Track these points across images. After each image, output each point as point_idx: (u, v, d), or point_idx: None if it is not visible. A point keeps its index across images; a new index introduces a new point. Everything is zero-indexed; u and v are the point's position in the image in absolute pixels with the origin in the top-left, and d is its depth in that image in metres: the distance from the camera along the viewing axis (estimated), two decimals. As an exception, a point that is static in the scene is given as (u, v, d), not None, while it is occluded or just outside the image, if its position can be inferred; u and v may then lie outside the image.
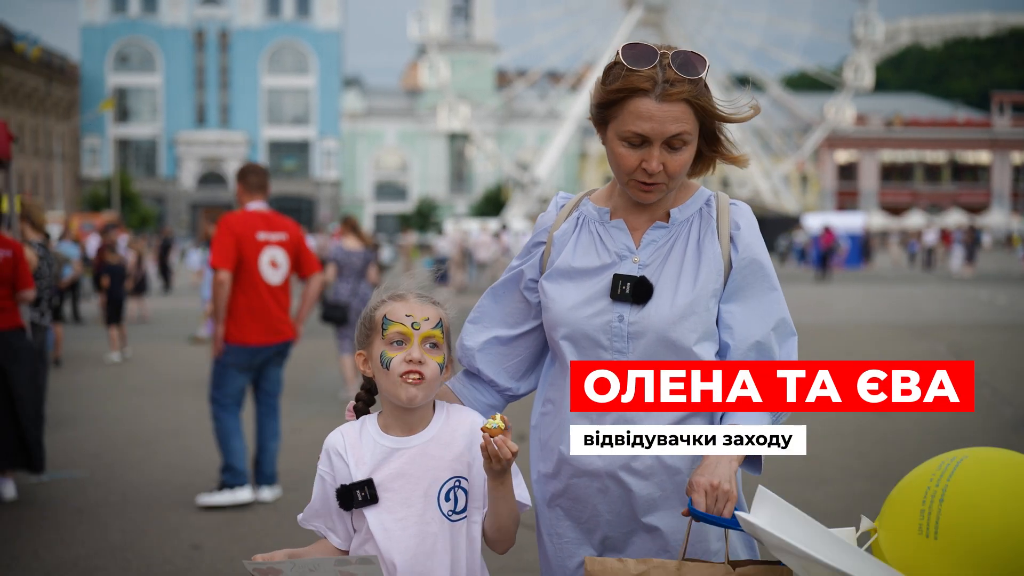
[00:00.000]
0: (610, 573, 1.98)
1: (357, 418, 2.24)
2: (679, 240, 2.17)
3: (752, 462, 2.16)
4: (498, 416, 2.03)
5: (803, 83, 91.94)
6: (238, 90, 75.79)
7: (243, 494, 6.05)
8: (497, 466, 2.03)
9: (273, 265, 6.19)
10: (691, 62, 2.07)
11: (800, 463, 6.99)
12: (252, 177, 6.29)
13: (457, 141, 76.81)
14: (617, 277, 2.13)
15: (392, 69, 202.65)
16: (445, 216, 64.74)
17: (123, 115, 74.55)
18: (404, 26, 67.41)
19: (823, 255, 33.15)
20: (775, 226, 56.61)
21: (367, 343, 2.19)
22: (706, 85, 2.10)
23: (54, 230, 21.47)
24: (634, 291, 2.11)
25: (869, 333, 15.56)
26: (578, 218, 2.26)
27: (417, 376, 2.11)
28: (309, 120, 77.05)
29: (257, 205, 6.28)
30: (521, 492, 2.13)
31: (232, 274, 6.04)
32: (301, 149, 77.06)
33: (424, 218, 67.31)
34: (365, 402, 2.26)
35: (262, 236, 6.16)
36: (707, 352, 2.14)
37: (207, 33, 75.37)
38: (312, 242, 31.99)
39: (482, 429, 2.02)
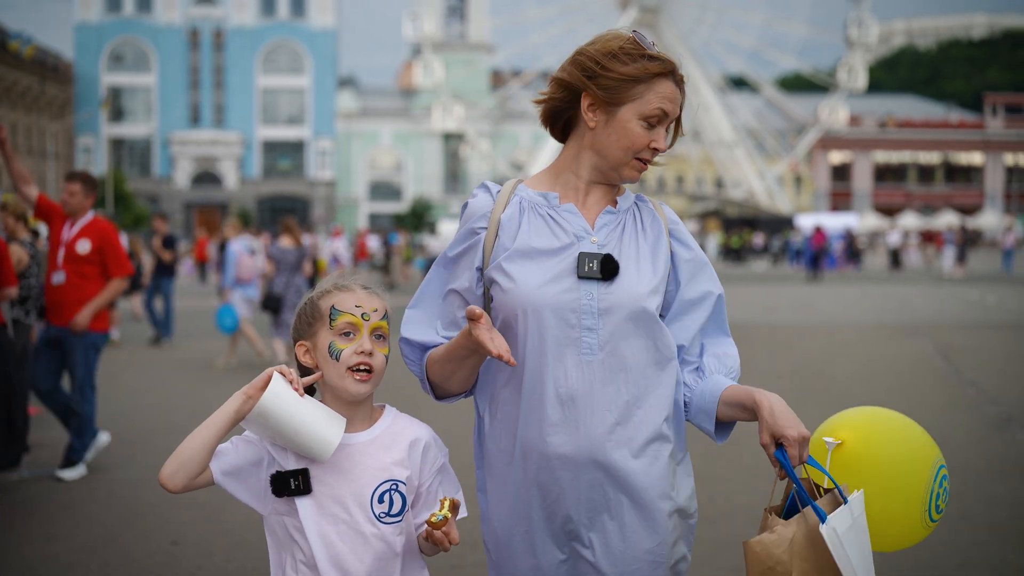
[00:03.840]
0: (770, 544, 1.99)
1: None
2: (628, 225, 2.24)
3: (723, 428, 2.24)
4: (446, 503, 2.04)
5: (797, 84, 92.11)
6: (233, 90, 75.75)
7: (103, 437, 7.09)
8: (439, 551, 2.10)
9: None
10: None
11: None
12: (95, 189, 6.95)
13: (452, 141, 76.83)
14: (583, 255, 2.14)
15: (387, 69, 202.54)
16: (440, 216, 64.72)
17: (117, 114, 74.44)
18: (399, 26, 67.54)
19: (814, 256, 33.21)
20: (769, 227, 56.73)
21: (310, 333, 2.16)
22: None
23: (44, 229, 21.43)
24: (602, 268, 2.13)
25: (858, 333, 15.61)
26: (520, 202, 2.22)
27: (367, 369, 2.12)
28: (304, 120, 77.04)
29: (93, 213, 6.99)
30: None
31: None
32: (296, 149, 77.03)
33: (419, 218, 67.27)
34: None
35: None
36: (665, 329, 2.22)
37: (202, 32, 75.33)
38: (307, 241, 32.40)
39: (427, 522, 2.04)
